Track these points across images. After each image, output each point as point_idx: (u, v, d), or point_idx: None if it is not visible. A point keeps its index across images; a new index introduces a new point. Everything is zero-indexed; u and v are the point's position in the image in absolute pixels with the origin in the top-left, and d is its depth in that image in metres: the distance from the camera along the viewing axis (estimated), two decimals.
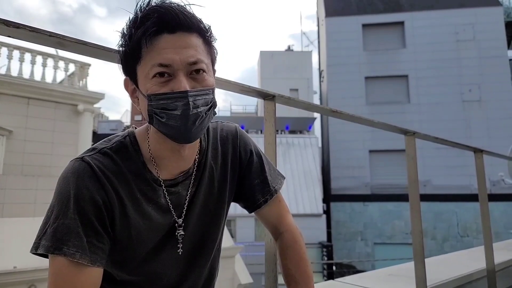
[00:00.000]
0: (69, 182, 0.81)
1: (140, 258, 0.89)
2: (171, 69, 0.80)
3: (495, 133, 18.38)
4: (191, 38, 0.83)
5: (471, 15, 20.05)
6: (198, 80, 0.83)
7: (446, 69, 19.69)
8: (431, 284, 2.16)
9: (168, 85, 0.81)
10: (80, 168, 0.83)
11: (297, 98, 1.59)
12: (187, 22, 0.82)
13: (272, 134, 1.50)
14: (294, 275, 1.01)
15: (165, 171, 0.93)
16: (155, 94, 0.80)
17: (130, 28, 0.82)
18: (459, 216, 18.20)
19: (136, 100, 0.89)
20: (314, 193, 18.00)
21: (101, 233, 0.81)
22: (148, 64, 0.81)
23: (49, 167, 8.40)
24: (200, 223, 0.98)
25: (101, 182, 0.83)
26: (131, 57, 0.83)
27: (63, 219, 0.78)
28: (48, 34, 0.93)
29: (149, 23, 0.79)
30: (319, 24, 25.13)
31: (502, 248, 3.67)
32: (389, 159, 18.96)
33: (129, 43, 0.82)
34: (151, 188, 0.90)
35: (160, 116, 0.81)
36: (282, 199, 1.13)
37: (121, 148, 0.90)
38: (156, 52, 0.80)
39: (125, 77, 0.89)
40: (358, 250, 18.55)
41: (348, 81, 20.30)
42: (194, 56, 0.82)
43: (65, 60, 9.76)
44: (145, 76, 0.82)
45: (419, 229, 2.05)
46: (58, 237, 0.77)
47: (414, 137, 2.14)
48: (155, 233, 0.90)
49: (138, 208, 0.88)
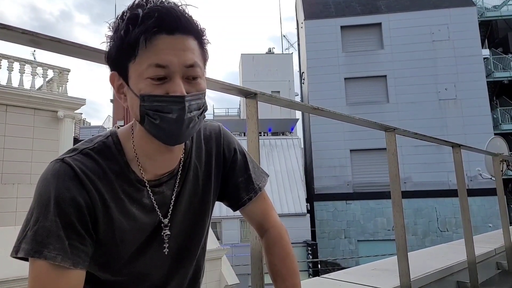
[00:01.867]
0: (49, 183, 0.79)
1: (124, 259, 0.88)
2: (167, 70, 0.79)
3: (471, 130, 18.85)
4: (189, 40, 0.82)
5: (445, 16, 20.54)
6: (193, 84, 0.83)
7: (422, 69, 20.13)
8: (414, 277, 2.20)
9: (163, 86, 0.79)
10: (61, 170, 0.81)
11: (278, 96, 1.61)
12: (186, 24, 0.81)
13: (254, 132, 1.51)
14: (280, 270, 1.01)
15: (150, 171, 0.91)
16: (150, 95, 0.79)
17: (127, 24, 0.79)
18: (438, 212, 18.59)
19: (122, 97, 0.86)
20: (298, 193, 18.11)
21: (83, 235, 0.79)
22: (144, 63, 0.79)
23: (29, 174, 8.20)
24: (186, 222, 0.97)
25: (82, 183, 0.81)
26: (124, 53, 0.80)
27: (43, 221, 0.76)
28: (21, 31, 0.89)
29: (150, 22, 0.77)
30: (298, 26, 25.34)
31: (481, 241, 3.77)
32: (369, 158, 19.24)
33: (125, 39, 0.79)
34: (134, 189, 0.89)
35: (153, 117, 0.80)
36: (267, 197, 1.13)
37: (103, 148, 0.88)
38: (154, 53, 0.78)
39: (112, 71, 0.86)
40: (342, 248, 18.74)
41: (328, 82, 20.52)
42: (192, 59, 0.81)
43: (44, 66, 9.57)
44: (139, 75, 0.80)
45: (401, 223, 2.08)
46: (39, 240, 0.75)
47: (394, 133, 2.18)
48: (140, 233, 0.89)
49: (122, 209, 0.86)
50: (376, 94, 20.52)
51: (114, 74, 0.85)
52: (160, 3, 0.80)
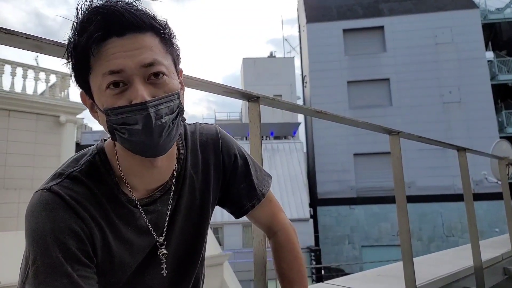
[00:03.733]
0: (41, 217, 0.72)
1: (122, 282, 0.84)
2: (124, 75, 0.71)
3: (475, 133, 18.76)
4: (144, 38, 0.74)
5: (448, 18, 20.52)
6: (159, 85, 0.74)
7: (426, 72, 20.08)
8: (420, 283, 2.16)
9: (125, 95, 0.72)
10: (50, 200, 0.74)
11: (281, 99, 1.58)
12: (136, 21, 0.72)
13: (257, 135, 1.49)
14: (287, 274, 1.00)
15: (139, 188, 0.85)
16: (112, 108, 0.72)
17: (74, 35, 0.72)
18: (443, 217, 18.46)
19: (96, 115, 0.80)
20: (301, 198, 18.06)
21: (87, 264, 0.74)
22: (98, 74, 0.72)
23: (31, 179, 8.23)
24: (184, 237, 0.93)
25: (76, 212, 0.75)
26: (80, 68, 0.74)
27: (42, 258, 0.70)
28: (25, 36, 0.88)
29: (92, 28, 0.70)
30: (300, 30, 25.37)
31: (488, 246, 3.72)
32: (373, 162, 19.16)
33: (74, 53, 0.72)
34: (127, 211, 0.83)
35: (122, 132, 0.73)
36: (273, 198, 1.09)
37: (90, 169, 0.81)
38: (105, 59, 0.71)
39: (80, 90, 0.79)
40: (345, 254, 18.63)
41: (331, 86, 20.51)
42: (150, 57, 0.73)
43: (46, 71, 9.64)
44: (98, 88, 0.73)
45: (407, 228, 2.05)
46: (41, 279, 0.69)
47: (398, 136, 2.15)
48: (137, 256, 0.85)
49: (117, 234, 0.81)
50: (379, 98, 20.48)
51: (82, 93, 0.79)
52: (101, 3, 0.72)
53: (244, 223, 16.94)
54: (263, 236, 1.34)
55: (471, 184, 2.85)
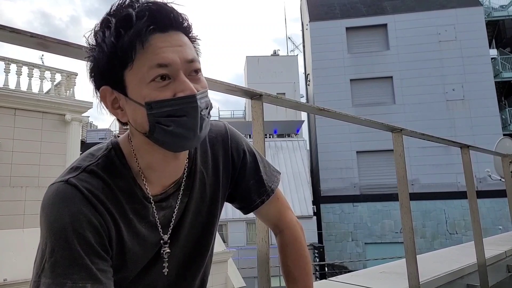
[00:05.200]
0: (60, 209, 0.72)
1: (132, 276, 0.85)
2: (170, 69, 0.74)
3: (479, 130, 18.67)
4: (182, 36, 0.78)
5: (452, 16, 20.41)
6: (197, 80, 0.78)
7: (429, 70, 20.00)
8: (424, 280, 2.16)
9: (169, 87, 0.74)
10: (68, 192, 0.74)
11: (284, 97, 1.59)
12: (177, 20, 0.77)
13: (260, 133, 1.50)
14: (292, 272, 1.01)
15: (155, 184, 0.86)
16: (158, 101, 0.73)
17: (117, 28, 0.73)
18: (447, 214, 18.42)
19: (118, 112, 0.80)
20: (304, 195, 18.06)
21: (105, 258, 0.75)
22: (143, 66, 0.73)
23: (37, 177, 8.29)
24: (193, 234, 0.93)
25: (93, 205, 0.75)
26: (118, 61, 0.74)
27: (61, 251, 0.70)
28: (29, 34, 0.88)
29: (142, 22, 0.73)
30: (303, 28, 25.33)
31: (492, 243, 3.71)
32: (376, 159, 19.14)
33: (117, 44, 0.73)
34: (142, 206, 0.84)
35: (166, 124, 0.74)
36: (281, 196, 1.09)
37: (107, 163, 0.82)
38: (152, 53, 0.73)
39: (103, 87, 0.78)
40: (349, 251, 18.63)
41: (334, 84, 20.47)
42: (191, 54, 0.78)
43: (52, 70, 9.68)
44: (140, 81, 0.74)
45: (410, 225, 2.05)
46: (59, 272, 0.69)
47: (401, 133, 2.15)
48: (148, 252, 0.86)
49: (131, 229, 0.82)
50: (383, 95, 20.42)
51: (106, 89, 0.78)
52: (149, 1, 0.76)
53: (248, 220, 16.96)
54: (266, 232, 1.35)
55: (475, 181, 2.86)
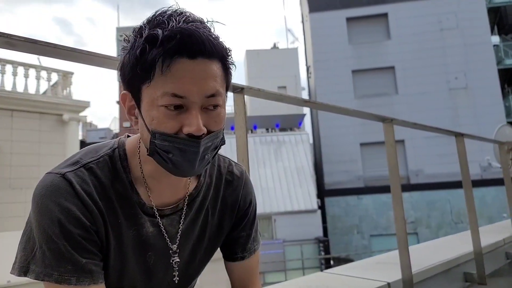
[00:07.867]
0: (50, 201, 0.73)
1: (116, 280, 0.84)
2: (185, 101, 0.71)
3: (483, 119, 18.53)
4: (212, 66, 0.73)
5: (453, 3, 20.21)
6: (212, 114, 0.75)
7: (431, 58, 19.83)
8: (417, 269, 2.16)
9: (178, 118, 0.72)
10: (61, 187, 0.74)
11: (267, 89, 1.58)
12: (211, 48, 0.72)
13: (243, 127, 1.49)
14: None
15: (157, 195, 0.85)
16: (162, 133, 0.72)
17: (144, 43, 0.71)
18: (452, 203, 18.34)
19: (133, 119, 0.80)
20: (308, 189, 18.02)
21: (94, 252, 0.76)
22: (159, 89, 0.71)
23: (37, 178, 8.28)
24: (192, 253, 0.94)
25: (85, 203, 0.75)
26: (138, 74, 0.72)
27: (49, 243, 0.71)
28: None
29: (170, 45, 0.69)
30: (303, 20, 25.17)
31: (491, 231, 3.71)
32: (380, 151, 19.03)
33: (140, 59, 0.71)
34: (134, 213, 0.82)
35: (163, 157, 0.74)
36: (258, 262, 1.08)
37: (108, 163, 0.81)
38: (171, 80, 0.70)
39: (124, 91, 0.78)
40: (355, 243, 18.63)
41: (336, 75, 20.36)
42: (214, 88, 0.73)
43: (48, 70, 9.67)
44: (152, 102, 0.72)
45: (401, 216, 2.05)
46: (47, 263, 0.71)
47: (392, 124, 2.15)
48: (130, 261, 0.85)
49: (119, 234, 0.81)
50: (385, 86, 20.29)
51: (127, 94, 0.78)
52: (183, 22, 0.71)
53: None
54: None
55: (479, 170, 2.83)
